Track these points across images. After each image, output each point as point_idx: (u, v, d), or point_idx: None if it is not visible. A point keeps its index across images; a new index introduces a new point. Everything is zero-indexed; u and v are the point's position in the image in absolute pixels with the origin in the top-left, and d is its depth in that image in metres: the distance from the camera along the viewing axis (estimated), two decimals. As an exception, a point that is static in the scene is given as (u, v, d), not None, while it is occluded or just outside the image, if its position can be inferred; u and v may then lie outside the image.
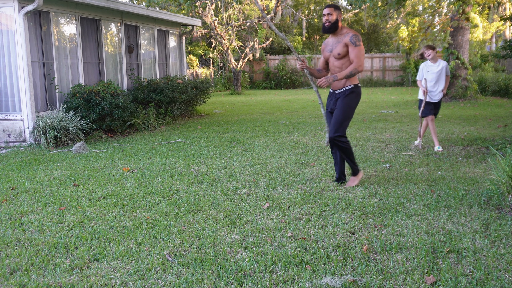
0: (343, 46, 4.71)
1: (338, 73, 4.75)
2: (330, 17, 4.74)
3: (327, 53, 4.91)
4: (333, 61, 4.83)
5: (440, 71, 6.83)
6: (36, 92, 8.33)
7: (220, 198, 4.61)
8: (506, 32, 24.55)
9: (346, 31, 4.75)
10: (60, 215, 4.18)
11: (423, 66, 7.00)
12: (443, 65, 6.89)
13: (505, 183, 4.17)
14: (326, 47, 4.94)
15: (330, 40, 4.90)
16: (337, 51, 4.75)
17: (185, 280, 2.89)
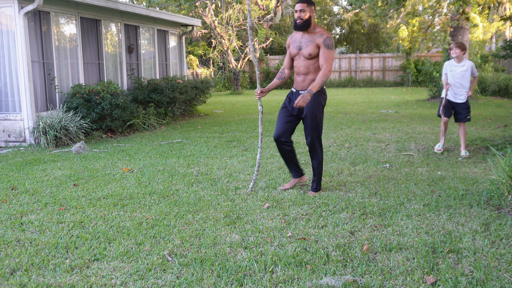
0: (315, 47, 4.41)
1: (304, 75, 4.50)
2: (303, 13, 4.40)
3: (295, 50, 4.56)
4: (301, 60, 4.52)
5: (464, 72, 6.48)
6: (36, 92, 8.34)
7: (220, 198, 4.61)
8: (506, 32, 24.55)
9: (319, 30, 4.45)
10: (60, 215, 4.18)
11: (446, 64, 6.69)
12: (469, 65, 6.52)
13: (505, 183, 4.17)
14: (293, 43, 4.58)
15: (299, 37, 4.55)
16: (308, 51, 4.44)
17: (185, 280, 2.89)
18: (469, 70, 6.48)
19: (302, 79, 4.55)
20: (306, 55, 4.45)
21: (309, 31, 4.48)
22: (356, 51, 29.41)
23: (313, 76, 4.50)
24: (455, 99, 6.58)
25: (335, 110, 13.06)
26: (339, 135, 8.35)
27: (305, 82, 4.53)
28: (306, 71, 4.50)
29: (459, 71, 6.50)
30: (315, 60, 4.44)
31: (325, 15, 33.81)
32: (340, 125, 9.69)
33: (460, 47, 6.47)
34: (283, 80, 4.77)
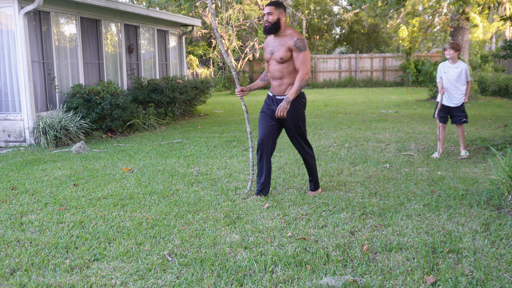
0: (287, 50, 4.25)
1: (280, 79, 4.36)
2: (270, 17, 4.26)
3: (268, 54, 4.42)
4: (274, 64, 4.36)
5: (459, 73, 6.28)
6: (36, 92, 8.34)
7: (220, 198, 4.61)
8: (506, 32, 24.55)
9: (290, 33, 4.29)
10: (60, 215, 4.18)
11: (441, 66, 6.50)
12: (463, 67, 6.31)
13: (505, 183, 4.17)
14: (267, 47, 4.44)
15: (272, 40, 4.42)
16: (279, 55, 4.28)
17: (185, 280, 2.89)
18: (463, 71, 6.28)
19: (279, 84, 4.40)
20: (278, 59, 4.30)
21: (280, 34, 4.34)
22: (356, 51, 29.43)
23: (289, 79, 4.34)
24: (449, 103, 6.38)
25: (335, 110, 13.06)
26: (339, 135, 8.35)
27: (282, 87, 4.38)
28: (280, 75, 4.35)
29: (454, 72, 6.32)
30: (289, 63, 4.30)
31: (325, 15, 33.82)
32: (340, 125, 9.69)
33: (454, 48, 6.31)
34: (265, 83, 4.66)
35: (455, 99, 6.35)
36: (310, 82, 25.18)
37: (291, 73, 4.32)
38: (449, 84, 6.33)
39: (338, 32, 36.27)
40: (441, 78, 6.41)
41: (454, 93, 6.33)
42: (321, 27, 33.63)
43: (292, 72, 4.32)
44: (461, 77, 6.27)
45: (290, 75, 4.33)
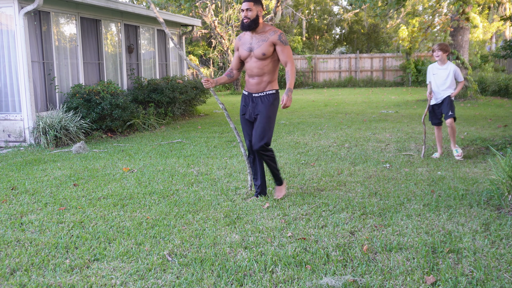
0: (269, 45, 4.19)
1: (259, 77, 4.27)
2: (250, 13, 4.17)
3: (245, 52, 4.31)
4: (253, 61, 4.26)
5: (447, 75, 6.10)
6: (36, 92, 8.34)
7: (220, 198, 4.61)
8: (506, 32, 24.55)
9: (270, 28, 4.24)
10: (60, 215, 4.18)
11: (429, 68, 6.32)
12: (451, 69, 6.12)
13: (505, 183, 4.17)
14: (243, 45, 4.33)
15: (249, 37, 4.31)
16: (261, 51, 4.20)
17: (185, 280, 2.89)
18: (451, 73, 6.09)
19: (257, 81, 4.30)
20: (260, 55, 4.21)
21: (258, 31, 4.26)
22: (356, 51, 29.43)
23: (268, 77, 4.29)
24: (437, 100, 6.26)
25: (335, 110, 13.06)
26: (339, 135, 8.35)
27: (261, 85, 4.29)
28: (260, 73, 4.27)
29: (443, 74, 6.13)
30: (269, 60, 4.24)
31: (325, 15, 33.82)
32: (340, 125, 9.69)
33: (443, 49, 6.10)
34: (231, 79, 4.51)
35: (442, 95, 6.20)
36: (310, 82, 25.20)
37: (271, 70, 4.28)
38: (436, 87, 6.19)
39: (338, 32, 36.28)
40: (430, 83, 6.25)
41: (444, 93, 6.18)
42: (321, 27, 33.63)
43: (272, 69, 4.28)
44: (449, 79, 6.09)
45: (270, 72, 4.28)
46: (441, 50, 6.08)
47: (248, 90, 4.39)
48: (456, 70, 6.14)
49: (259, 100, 4.32)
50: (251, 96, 4.36)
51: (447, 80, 6.11)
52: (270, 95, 4.31)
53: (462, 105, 13.65)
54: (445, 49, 6.10)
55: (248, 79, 4.37)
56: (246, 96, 4.42)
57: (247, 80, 4.39)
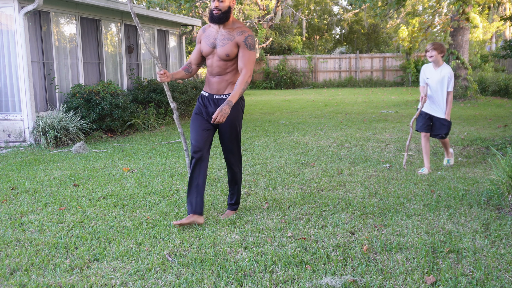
0: (234, 46, 3.72)
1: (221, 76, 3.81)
2: (221, 4, 3.69)
3: (208, 47, 3.81)
4: (215, 60, 3.79)
5: (441, 80, 5.40)
6: (36, 92, 8.34)
7: (220, 198, 4.61)
8: (506, 32, 24.56)
9: (239, 26, 3.77)
10: (60, 215, 4.18)
11: (423, 70, 5.61)
12: (445, 73, 5.38)
13: (505, 183, 4.17)
14: (207, 39, 3.83)
15: (214, 32, 3.82)
16: (225, 51, 3.73)
17: (185, 280, 2.89)
18: (445, 78, 5.38)
19: (218, 81, 3.83)
20: (223, 55, 3.74)
21: (227, 26, 3.77)
22: (356, 51, 29.43)
23: (231, 77, 3.81)
24: (432, 111, 5.57)
25: (335, 110, 13.06)
26: (339, 135, 8.35)
27: (222, 84, 3.82)
28: (222, 72, 3.81)
29: (436, 78, 5.43)
30: (234, 61, 3.78)
31: (325, 15, 33.83)
32: (340, 125, 9.69)
33: (437, 49, 5.39)
34: (189, 74, 3.98)
35: (439, 109, 5.51)
36: (310, 82, 25.20)
37: (235, 70, 3.80)
38: (432, 91, 5.51)
39: (338, 32, 36.28)
40: (426, 84, 5.55)
41: (437, 101, 5.50)
42: (321, 27, 33.64)
43: (236, 69, 3.81)
44: (444, 84, 5.41)
45: (233, 72, 3.81)
46: (435, 50, 5.38)
47: (208, 90, 3.88)
48: (450, 75, 5.39)
49: (221, 103, 3.80)
50: (212, 98, 3.84)
51: (441, 85, 5.41)
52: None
53: (462, 105, 13.65)
54: (440, 49, 5.40)
55: (209, 78, 3.89)
56: (206, 98, 3.88)
57: (207, 78, 3.93)
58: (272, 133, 8.77)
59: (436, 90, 5.45)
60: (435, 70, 5.47)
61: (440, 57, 5.42)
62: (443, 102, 5.45)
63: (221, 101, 3.80)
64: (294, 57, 25.38)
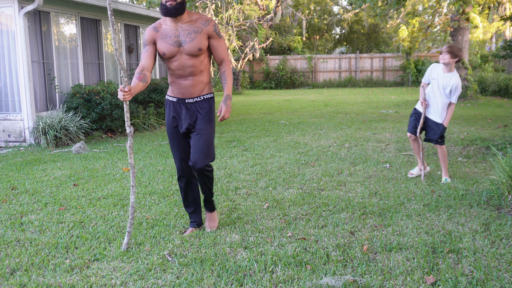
0: (205, 38, 3.34)
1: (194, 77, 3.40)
2: None
3: (172, 47, 3.32)
4: (185, 59, 3.34)
5: (445, 87, 4.94)
6: (36, 92, 8.34)
7: (220, 198, 4.61)
8: (506, 32, 24.55)
9: (199, 16, 3.39)
10: (60, 215, 4.18)
11: (431, 68, 5.13)
12: (453, 83, 4.89)
13: (505, 183, 4.17)
14: (165, 39, 3.33)
15: (171, 28, 3.34)
16: (196, 46, 3.31)
17: (185, 280, 2.89)
18: (451, 88, 4.91)
19: (192, 83, 3.40)
20: (194, 51, 3.32)
21: (185, 19, 3.35)
22: (356, 51, 29.42)
23: (204, 76, 3.44)
24: (427, 112, 5.19)
25: (335, 110, 13.06)
26: (339, 135, 8.35)
27: (197, 87, 3.42)
28: (196, 72, 3.39)
29: (442, 82, 4.98)
30: (204, 55, 3.40)
31: (325, 15, 33.83)
32: (340, 125, 9.69)
33: (452, 53, 4.87)
34: (146, 84, 3.33)
35: (435, 113, 5.13)
36: (310, 82, 25.20)
37: (205, 68, 3.43)
38: (432, 94, 5.10)
39: (338, 32, 36.27)
40: (424, 86, 5.19)
41: (434, 104, 5.12)
42: (321, 27, 33.64)
43: (207, 66, 3.45)
44: (446, 92, 4.97)
45: (205, 70, 3.43)
46: (449, 54, 4.87)
47: (177, 95, 3.46)
48: (457, 86, 4.91)
49: (196, 107, 3.45)
50: (183, 103, 3.44)
51: (444, 92, 4.98)
52: (209, 100, 3.50)
53: (462, 105, 13.64)
54: (455, 53, 4.87)
55: (178, 81, 3.43)
56: (175, 103, 3.46)
57: (174, 82, 3.44)
58: (272, 133, 8.77)
59: (435, 94, 5.04)
60: (443, 73, 4.98)
61: (453, 62, 4.92)
62: (439, 108, 5.05)
63: (196, 105, 3.44)
64: (294, 57, 25.38)
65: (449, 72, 4.96)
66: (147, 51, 3.38)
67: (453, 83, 4.90)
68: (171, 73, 3.44)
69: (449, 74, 4.95)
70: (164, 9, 3.26)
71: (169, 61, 3.39)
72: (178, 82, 3.43)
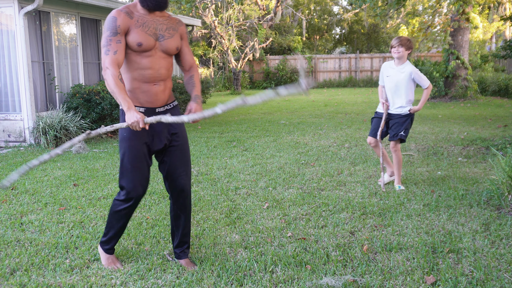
0: (179, 38, 2.97)
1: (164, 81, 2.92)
2: None
3: (151, 38, 2.80)
4: (159, 57, 2.86)
5: (402, 80, 4.70)
6: (36, 92, 8.34)
7: (220, 198, 4.61)
8: (506, 32, 24.56)
9: (169, 14, 2.98)
10: (60, 215, 4.18)
11: (383, 67, 4.92)
12: (409, 71, 4.68)
13: (505, 183, 4.17)
14: (143, 27, 2.79)
15: (150, 18, 2.84)
16: (175, 44, 2.92)
17: (185, 280, 2.89)
18: (407, 78, 4.69)
19: (163, 89, 2.91)
20: (172, 50, 2.92)
21: (163, 13, 2.94)
22: (356, 51, 29.43)
23: (170, 83, 2.99)
24: (390, 110, 4.88)
25: (335, 110, 13.06)
26: (339, 135, 8.35)
27: (166, 93, 2.95)
28: (166, 75, 2.92)
29: (397, 78, 4.74)
30: (172, 58, 2.99)
31: (325, 15, 33.83)
32: (340, 125, 9.69)
33: (405, 45, 4.67)
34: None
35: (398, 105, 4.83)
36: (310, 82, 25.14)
37: (171, 72, 3.00)
38: (389, 92, 4.85)
39: (338, 32, 36.27)
40: (383, 87, 4.96)
41: (395, 103, 4.84)
42: (321, 27, 33.64)
43: (172, 71, 3.01)
44: (403, 85, 4.72)
45: (171, 75, 2.99)
46: (402, 46, 4.67)
47: (145, 104, 2.87)
48: (415, 73, 4.69)
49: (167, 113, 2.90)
50: (154, 113, 2.88)
51: (401, 86, 4.73)
52: (177, 107, 3.06)
53: (462, 105, 13.64)
54: (408, 45, 4.68)
55: (146, 87, 2.86)
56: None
57: (140, 89, 2.86)
58: (272, 133, 8.77)
59: (394, 90, 4.77)
60: (396, 67, 4.76)
61: (406, 54, 4.72)
62: (397, 102, 4.80)
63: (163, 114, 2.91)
64: (294, 57, 25.38)
65: (401, 64, 4.75)
66: (119, 43, 2.72)
67: (410, 71, 4.69)
68: (137, 76, 2.82)
69: (402, 65, 4.74)
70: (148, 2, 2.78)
71: (141, 56, 2.81)
72: (146, 88, 2.85)
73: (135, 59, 2.81)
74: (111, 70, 2.66)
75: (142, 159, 2.89)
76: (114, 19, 2.75)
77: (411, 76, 4.69)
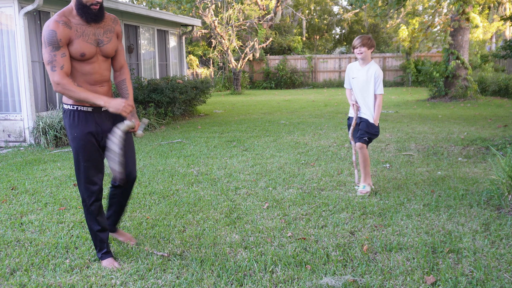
0: (116, 38, 3.06)
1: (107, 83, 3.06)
2: None
3: (92, 46, 2.90)
4: (101, 61, 2.98)
5: (369, 79, 4.55)
6: (36, 92, 8.34)
7: (220, 198, 4.61)
8: (506, 32, 24.56)
9: (106, 14, 3.05)
10: (60, 215, 4.18)
11: (348, 69, 4.75)
12: (372, 72, 4.54)
13: (505, 183, 4.17)
14: (83, 36, 2.87)
15: (85, 24, 2.90)
16: (114, 47, 3.03)
17: (185, 280, 2.89)
18: (372, 78, 4.53)
19: (107, 90, 3.05)
20: (112, 52, 3.03)
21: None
22: (356, 51, 29.41)
23: (109, 84, 3.09)
24: (360, 114, 4.71)
25: (335, 110, 13.06)
26: (339, 135, 8.35)
27: (109, 93, 3.09)
28: (108, 76, 3.05)
29: (362, 79, 4.60)
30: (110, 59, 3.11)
31: (325, 15, 33.84)
32: (340, 125, 9.68)
33: (367, 44, 4.51)
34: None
35: (368, 112, 4.64)
36: (310, 82, 25.19)
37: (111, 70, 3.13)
38: (356, 94, 4.69)
39: (338, 32, 36.28)
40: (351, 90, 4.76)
41: (367, 103, 4.63)
42: (321, 27, 33.65)
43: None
44: (371, 85, 4.56)
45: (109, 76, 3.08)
46: (364, 46, 4.51)
47: (93, 104, 2.93)
48: (377, 75, 4.54)
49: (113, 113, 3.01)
50: (104, 112, 3.01)
51: (369, 86, 4.57)
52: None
53: (462, 105, 13.65)
54: (370, 43, 4.52)
55: (93, 88, 2.97)
56: (90, 114, 2.95)
57: (88, 90, 2.94)
58: (272, 133, 8.77)
59: (362, 92, 4.61)
60: (362, 68, 4.63)
61: (369, 53, 4.56)
62: (366, 108, 4.63)
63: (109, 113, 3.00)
64: (294, 57, 25.38)
65: (367, 64, 4.61)
66: (65, 55, 2.80)
67: (373, 71, 4.54)
68: (82, 81, 2.91)
69: (367, 66, 4.60)
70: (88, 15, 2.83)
71: (85, 64, 2.90)
72: (92, 90, 2.94)
73: (78, 66, 2.91)
74: (65, 82, 2.79)
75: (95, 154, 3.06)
76: (53, 33, 2.78)
77: (374, 77, 4.54)
